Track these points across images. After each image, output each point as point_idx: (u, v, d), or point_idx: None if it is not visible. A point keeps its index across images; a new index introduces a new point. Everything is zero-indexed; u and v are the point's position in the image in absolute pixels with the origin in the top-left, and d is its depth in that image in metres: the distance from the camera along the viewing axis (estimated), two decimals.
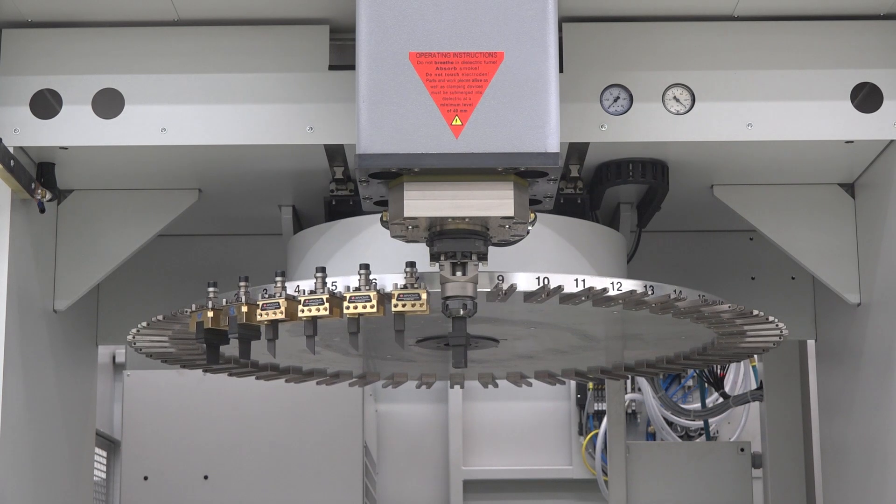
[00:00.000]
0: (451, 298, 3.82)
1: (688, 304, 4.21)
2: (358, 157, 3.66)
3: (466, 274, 3.82)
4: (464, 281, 3.82)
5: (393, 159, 3.66)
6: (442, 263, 3.82)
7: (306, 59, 4.32)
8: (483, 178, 3.71)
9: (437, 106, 3.66)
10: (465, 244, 3.79)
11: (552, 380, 5.30)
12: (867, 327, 4.58)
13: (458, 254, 3.80)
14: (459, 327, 3.86)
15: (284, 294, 3.95)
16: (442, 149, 3.65)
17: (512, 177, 3.72)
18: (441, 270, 3.82)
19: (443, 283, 3.83)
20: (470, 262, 3.81)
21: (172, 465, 6.44)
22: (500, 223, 3.79)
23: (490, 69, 3.68)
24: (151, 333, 4.60)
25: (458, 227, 3.78)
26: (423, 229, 3.82)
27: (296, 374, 5.14)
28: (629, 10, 4.32)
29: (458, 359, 3.89)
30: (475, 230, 3.79)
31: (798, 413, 6.13)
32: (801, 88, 4.32)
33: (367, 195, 3.84)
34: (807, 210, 4.70)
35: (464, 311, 3.82)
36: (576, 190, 4.72)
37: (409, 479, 8.22)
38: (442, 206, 3.72)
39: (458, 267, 3.82)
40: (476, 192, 3.71)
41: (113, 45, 4.34)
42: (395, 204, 3.76)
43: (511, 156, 3.66)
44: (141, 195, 4.70)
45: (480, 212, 3.73)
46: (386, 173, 3.73)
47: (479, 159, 3.66)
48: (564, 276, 4.02)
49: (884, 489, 4.41)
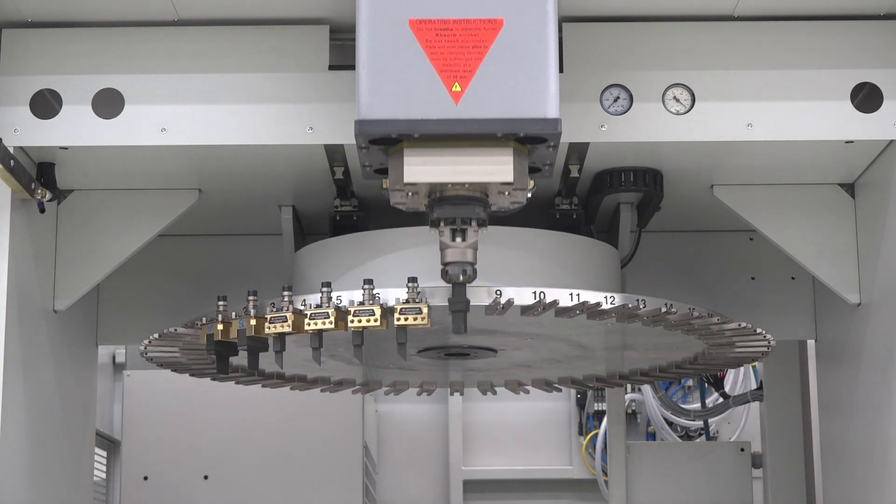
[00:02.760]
0: (451, 264, 3.87)
1: (678, 317, 4.30)
2: (357, 123, 3.68)
3: (466, 240, 3.86)
4: (463, 247, 3.86)
5: (393, 125, 3.69)
6: (441, 229, 3.86)
7: (306, 59, 4.32)
8: (482, 144, 3.74)
9: (437, 72, 3.69)
10: (464, 210, 3.83)
11: (549, 388, 5.36)
12: (867, 327, 4.58)
13: (458, 220, 3.84)
14: (459, 293, 3.91)
15: (291, 308, 4.06)
16: (442, 115, 3.68)
17: (511, 143, 3.74)
18: (441, 236, 3.86)
19: (442, 248, 3.88)
20: (469, 228, 3.85)
21: (172, 465, 6.44)
22: (499, 189, 3.81)
23: (489, 36, 3.69)
24: (163, 344, 4.63)
25: (457, 194, 3.81)
26: (423, 196, 3.84)
27: (301, 382, 5.19)
28: (629, 10, 4.32)
29: (458, 324, 3.94)
30: (475, 196, 3.82)
31: (798, 413, 6.13)
32: (801, 88, 4.32)
33: (367, 162, 3.85)
34: (807, 210, 4.70)
35: (463, 277, 3.88)
36: (571, 206, 4.76)
37: (409, 479, 8.22)
38: (442, 171, 3.74)
39: (457, 233, 3.86)
40: (476, 158, 3.74)
41: (113, 45, 4.34)
42: (395, 170, 3.78)
43: (510, 122, 3.68)
44: (141, 195, 4.70)
45: (480, 177, 3.75)
46: (386, 139, 3.75)
47: (478, 125, 3.68)
48: (560, 290, 4.11)
49: (884, 489, 4.41)
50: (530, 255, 4.45)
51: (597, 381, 5.29)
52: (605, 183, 4.63)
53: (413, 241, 4.45)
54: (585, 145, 4.39)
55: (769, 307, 5.30)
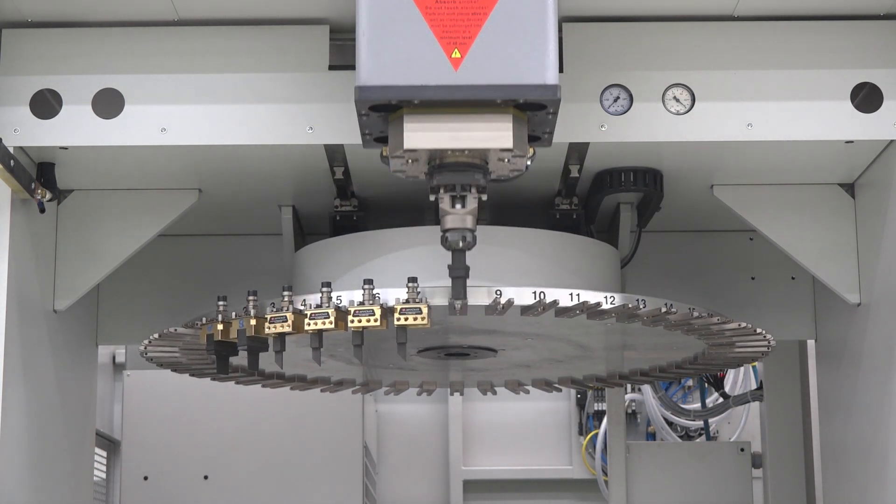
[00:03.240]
0: (451, 231, 3.88)
1: (678, 317, 4.31)
2: (358, 90, 3.69)
3: (466, 206, 3.87)
4: (463, 213, 3.87)
5: (392, 91, 3.69)
6: (441, 196, 3.86)
7: (306, 59, 4.32)
8: (482, 110, 3.75)
9: (437, 39, 3.70)
10: (464, 177, 3.84)
11: (549, 388, 5.37)
12: (867, 327, 4.58)
13: (458, 186, 3.84)
14: (459, 259, 3.93)
15: (291, 308, 4.05)
16: (441, 81, 3.68)
17: (511, 109, 3.75)
18: (440, 203, 3.86)
19: (442, 215, 3.88)
20: (469, 195, 3.86)
21: (172, 465, 6.44)
22: (499, 156, 3.82)
23: (489, 2, 3.71)
24: (163, 344, 4.63)
25: (457, 160, 3.82)
26: (423, 163, 3.85)
27: (301, 382, 5.19)
28: (629, 10, 4.32)
29: (458, 291, 3.95)
30: (474, 163, 3.83)
31: (798, 413, 6.13)
32: (801, 88, 4.32)
33: (367, 130, 3.86)
34: (807, 210, 4.70)
35: (463, 244, 3.89)
36: (571, 206, 4.76)
37: (409, 479, 8.22)
38: (441, 138, 3.75)
39: (457, 200, 3.86)
40: (475, 125, 3.75)
41: (113, 45, 4.34)
42: (394, 137, 3.79)
43: (510, 88, 3.69)
44: (141, 195, 4.70)
45: (479, 144, 3.76)
46: (385, 106, 3.76)
47: (478, 91, 3.69)
48: (560, 290, 4.10)
49: (884, 489, 4.41)
50: (530, 255, 4.46)
51: (597, 381, 5.30)
52: (605, 183, 4.63)
53: (413, 241, 4.45)
54: (585, 145, 4.39)
55: (769, 307, 5.30)
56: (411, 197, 4.86)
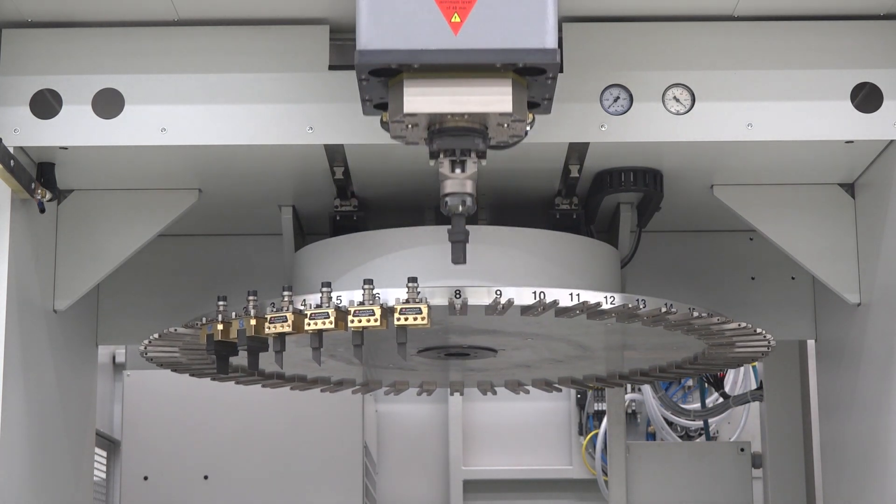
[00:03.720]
0: (450, 195, 3.89)
1: (678, 317, 4.31)
2: (358, 54, 3.70)
3: (465, 171, 3.88)
4: (462, 178, 3.89)
5: (392, 55, 3.70)
6: (441, 161, 3.87)
7: (306, 59, 4.32)
8: (481, 74, 3.75)
9: (437, 3, 3.71)
10: (463, 141, 3.85)
11: (549, 388, 5.37)
12: (867, 327, 4.58)
13: (457, 151, 3.85)
14: (458, 224, 3.94)
15: (291, 308, 4.06)
16: (441, 45, 3.69)
17: (510, 74, 3.75)
18: (440, 168, 3.87)
19: (441, 180, 3.90)
20: (469, 160, 3.87)
21: (172, 465, 6.44)
22: (498, 121, 3.82)
23: None
24: (163, 344, 4.63)
25: (456, 125, 3.83)
26: (423, 128, 3.86)
27: (301, 382, 5.19)
28: (629, 10, 4.32)
29: (458, 255, 3.97)
30: (474, 128, 3.84)
31: (798, 413, 6.13)
32: (801, 88, 4.32)
33: (367, 96, 3.86)
34: (807, 210, 4.70)
35: (462, 208, 3.91)
36: (571, 206, 4.76)
37: (409, 479, 8.22)
38: (441, 102, 3.76)
39: (456, 164, 3.88)
40: (475, 89, 3.76)
41: (113, 45, 4.34)
42: (394, 102, 3.80)
43: (509, 52, 3.70)
44: (141, 195, 4.70)
45: (479, 108, 3.77)
46: (385, 70, 3.76)
47: (477, 55, 3.70)
48: (560, 290, 4.11)
49: (884, 489, 4.41)
50: (530, 255, 4.46)
51: (597, 381, 5.30)
52: (605, 183, 4.63)
53: (413, 241, 4.45)
54: (585, 145, 4.39)
55: (769, 307, 5.29)
56: (411, 197, 4.86)
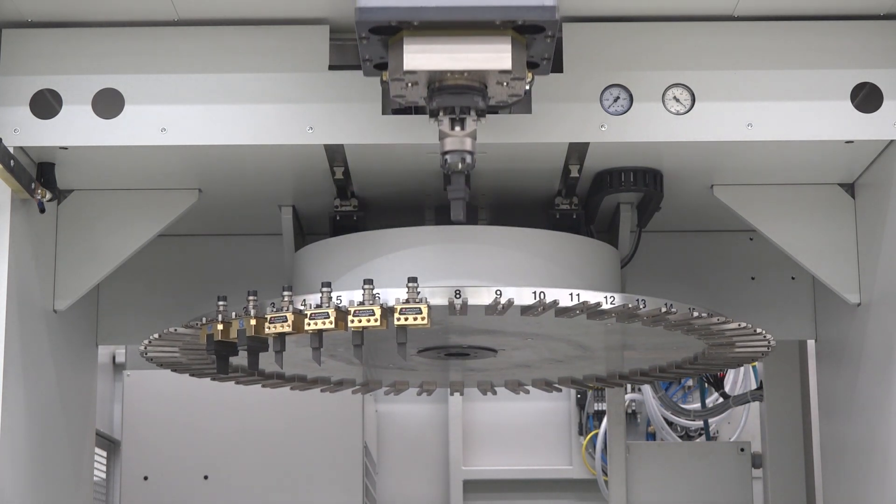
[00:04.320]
0: (450, 153, 3.90)
1: (678, 317, 4.31)
2: (358, 11, 3.71)
3: (465, 129, 3.88)
4: (462, 135, 3.89)
5: (392, 13, 3.71)
6: (440, 119, 3.88)
7: (306, 59, 4.32)
8: (481, 32, 3.76)
9: None
10: (463, 99, 3.86)
11: (549, 388, 5.37)
12: (867, 327, 4.58)
13: (457, 109, 3.85)
14: (458, 181, 3.95)
15: (291, 308, 4.06)
16: (440, 2, 3.70)
17: (510, 31, 3.76)
18: (440, 126, 3.89)
19: (441, 137, 3.90)
20: (468, 118, 3.88)
21: (172, 465, 6.44)
22: (497, 79, 3.83)
23: None
24: (163, 344, 4.63)
25: (456, 83, 3.83)
26: (422, 87, 3.86)
27: (301, 382, 5.19)
28: (629, 10, 4.32)
29: (458, 212, 3.98)
30: (473, 86, 3.84)
31: (798, 413, 6.13)
32: (801, 88, 4.32)
33: (367, 55, 3.87)
34: (807, 210, 4.70)
35: (462, 165, 3.91)
36: (571, 206, 4.76)
37: (409, 479, 8.21)
38: (440, 59, 3.77)
39: (456, 122, 3.89)
40: (474, 46, 3.77)
41: (113, 45, 4.34)
42: (394, 60, 3.80)
43: (509, 9, 3.71)
44: (141, 195, 4.70)
45: (478, 65, 3.78)
46: (385, 29, 3.76)
47: (476, 12, 3.71)
48: (560, 290, 4.11)
49: (884, 489, 4.41)
50: (530, 255, 4.46)
51: (597, 381, 5.30)
52: (605, 183, 4.63)
53: (413, 241, 4.45)
54: (585, 145, 4.39)
55: (769, 307, 5.30)
56: (411, 197, 4.86)
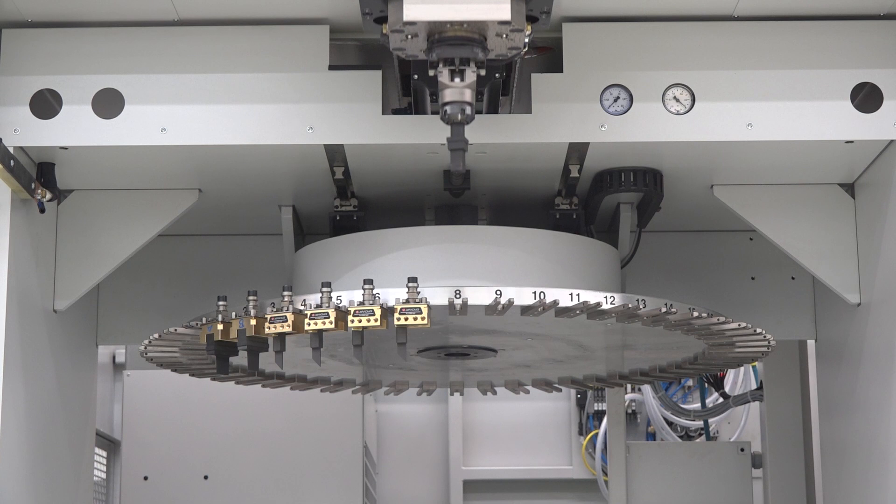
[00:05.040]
0: (450, 104, 3.91)
1: (678, 317, 4.31)
2: None
3: (464, 80, 3.89)
4: (462, 86, 3.90)
5: None
6: (440, 70, 3.89)
7: (306, 59, 4.33)
8: None
9: None
10: (463, 50, 3.85)
11: (549, 388, 5.37)
12: (867, 327, 4.58)
13: (457, 60, 3.86)
14: (458, 132, 3.96)
15: (291, 308, 4.05)
16: None
17: None
18: (440, 77, 3.89)
19: (441, 89, 3.91)
20: (468, 69, 3.88)
21: (172, 465, 6.44)
22: (497, 31, 3.82)
23: None
24: (163, 344, 4.63)
25: (456, 34, 3.83)
26: (422, 39, 3.86)
27: (301, 382, 5.19)
28: (629, 10, 4.32)
29: (457, 162, 3.98)
30: (473, 37, 3.84)
31: (798, 413, 6.13)
32: (801, 88, 4.32)
33: (367, 9, 3.87)
34: (807, 210, 4.70)
35: (462, 116, 3.91)
36: (571, 206, 4.76)
37: (409, 479, 8.21)
38: (440, 10, 3.77)
39: (455, 73, 3.89)
40: None
41: (113, 45, 4.34)
42: (394, 12, 3.80)
43: None
44: (141, 195, 4.70)
45: (478, 15, 3.77)
46: None
47: None
48: (560, 290, 4.11)
49: (884, 489, 4.41)
50: (530, 255, 4.46)
51: (597, 381, 5.30)
52: (605, 183, 4.63)
53: (413, 241, 4.45)
54: (585, 145, 4.39)
55: (769, 307, 5.30)
56: (411, 197, 4.87)
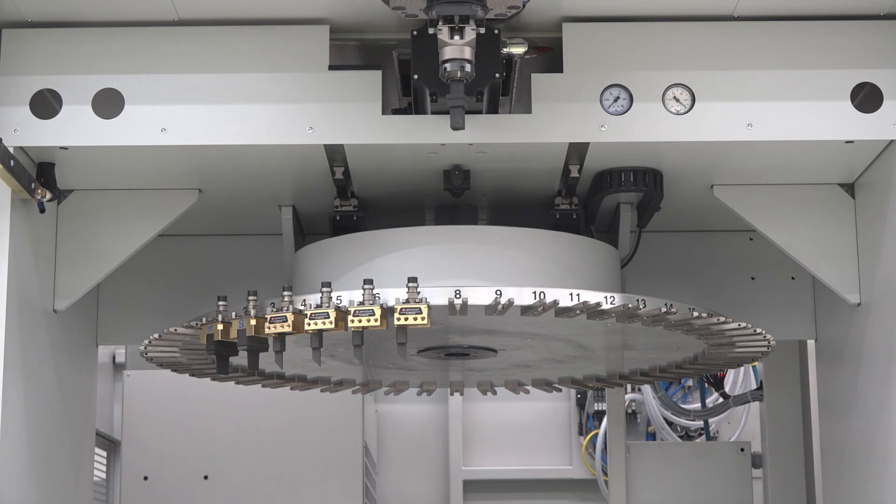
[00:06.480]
0: (449, 61, 3.91)
1: (678, 317, 4.31)
2: None
3: (464, 38, 3.89)
4: (461, 44, 3.90)
5: None
6: (440, 28, 3.90)
7: (306, 59, 4.33)
8: None
9: None
10: (462, 7, 3.86)
11: (549, 388, 5.37)
12: (867, 327, 4.58)
13: (456, 17, 3.86)
14: (457, 89, 3.97)
15: (291, 308, 4.05)
16: None
17: None
18: (439, 35, 3.90)
19: (441, 46, 3.91)
20: (467, 27, 3.89)
21: (172, 465, 6.44)
22: None
23: None
24: (163, 344, 4.63)
25: None
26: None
27: (301, 382, 5.19)
28: (629, 10, 4.32)
29: (457, 120, 4.00)
30: None
31: (798, 413, 6.13)
32: (801, 88, 4.32)
33: None
34: (807, 210, 4.70)
35: (461, 73, 3.92)
36: (571, 206, 4.76)
37: (409, 479, 8.21)
38: None
39: (455, 31, 3.89)
40: None
41: (113, 45, 4.34)
42: None
43: None
44: (141, 195, 4.70)
45: None
46: None
47: None
48: (560, 290, 4.11)
49: (884, 489, 4.41)
50: (530, 255, 4.46)
51: (597, 381, 5.29)
52: (605, 183, 4.63)
53: (413, 241, 4.45)
54: (585, 145, 4.39)
55: (769, 307, 5.30)
56: (411, 197, 4.86)
